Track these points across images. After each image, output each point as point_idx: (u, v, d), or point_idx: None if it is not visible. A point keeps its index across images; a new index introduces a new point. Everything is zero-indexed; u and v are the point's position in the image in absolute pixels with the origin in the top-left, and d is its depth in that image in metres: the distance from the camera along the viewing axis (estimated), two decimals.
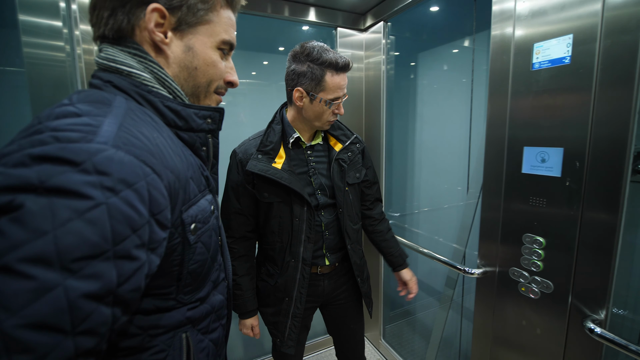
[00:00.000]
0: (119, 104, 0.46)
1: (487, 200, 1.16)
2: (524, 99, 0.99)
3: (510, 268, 1.09)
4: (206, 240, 0.56)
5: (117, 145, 0.38)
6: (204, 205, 0.55)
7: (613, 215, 0.82)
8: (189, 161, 0.54)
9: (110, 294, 0.36)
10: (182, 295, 0.54)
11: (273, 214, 1.12)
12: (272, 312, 1.20)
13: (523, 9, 0.99)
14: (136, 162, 0.39)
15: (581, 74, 0.85)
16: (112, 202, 0.36)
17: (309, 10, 1.75)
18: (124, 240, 0.37)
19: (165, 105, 0.53)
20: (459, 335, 1.71)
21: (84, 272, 0.33)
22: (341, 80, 1.06)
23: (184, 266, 0.51)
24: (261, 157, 1.08)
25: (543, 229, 0.98)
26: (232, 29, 0.61)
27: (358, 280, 1.26)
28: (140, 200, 0.39)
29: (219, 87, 0.63)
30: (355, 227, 1.23)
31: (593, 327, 0.84)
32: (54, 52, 1.28)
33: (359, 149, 1.23)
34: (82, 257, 0.33)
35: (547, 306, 0.99)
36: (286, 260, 1.14)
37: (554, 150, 0.93)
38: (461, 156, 1.67)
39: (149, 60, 0.53)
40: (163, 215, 0.43)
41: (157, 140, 0.45)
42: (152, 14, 0.52)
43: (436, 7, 1.72)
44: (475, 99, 1.50)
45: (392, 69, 1.85)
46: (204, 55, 0.58)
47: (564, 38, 0.88)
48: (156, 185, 0.41)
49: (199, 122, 0.58)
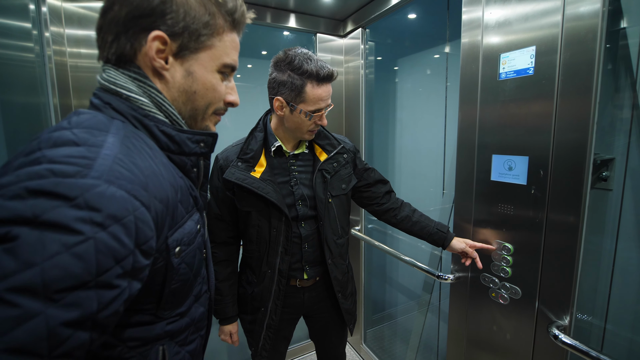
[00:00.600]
0: (116, 131, 0.48)
1: (459, 206, 1.17)
2: (492, 108, 1.01)
3: (482, 274, 1.10)
4: (190, 261, 0.57)
5: (109, 180, 0.40)
6: (190, 227, 0.57)
7: (575, 222, 0.84)
8: (179, 184, 0.56)
9: (89, 320, 0.38)
10: (162, 311, 0.55)
11: (251, 223, 1.10)
12: (249, 319, 1.18)
13: (490, 19, 1.01)
14: (126, 196, 0.41)
15: (543, 85, 0.87)
16: (100, 237, 0.38)
17: (290, 16, 1.75)
18: (107, 271, 0.39)
19: (160, 129, 0.55)
20: (437, 338, 1.72)
21: (65, 302, 0.36)
22: (323, 92, 1.00)
23: (166, 286, 0.53)
24: (240, 165, 1.04)
25: (511, 235, 1.00)
26: (234, 51, 0.62)
27: (339, 296, 1.21)
28: (127, 234, 0.41)
29: (218, 109, 0.64)
30: (338, 241, 1.18)
31: (557, 334, 0.86)
32: (23, 53, 1.25)
33: (347, 159, 1.17)
34: (65, 288, 0.36)
35: (515, 312, 1.01)
36: (263, 270, 1.12)
37: (520, 158, 0.95)
38: (437, 160, 1.70)
39: (148, 84, 0.55)
40: (148, 245, 0.45)
41: (149, 171, 0.47)
42: (153, 42, 0.53)
43: (413, 15, 1.75)
44: (449, 104, 1.53)
45: (371, 74, 1.87)
46: (204, 79, 0.58)
47: (527, 50, 0.91)
48: (144, 218, 0.43)
49: (192, 147, 0.59)
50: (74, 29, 1.34)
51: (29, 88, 1.27)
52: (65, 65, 1.35)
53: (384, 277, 2.26)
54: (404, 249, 1.96)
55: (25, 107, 1.26)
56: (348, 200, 1.23)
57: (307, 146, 1.16)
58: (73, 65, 1.36)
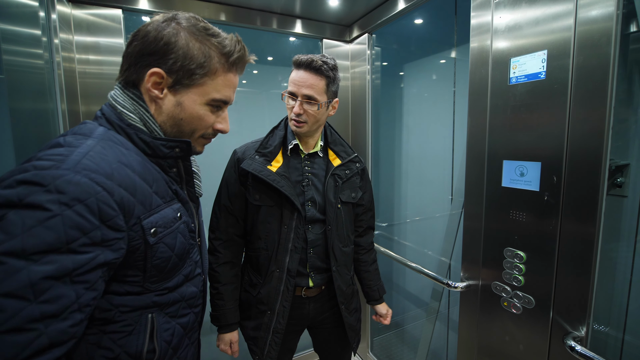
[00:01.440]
0: (97, 135, 0.62)
1: (469, 213, 1.15)
2: (502, 113, 1.00)
3: (493, 282, 1.08)
4: (170, 241, 0.68)
5: (77, 171, 0.53)
6: (167, 213, 0.68)
7: (591, 229, 0.82)
8: (155, 178, 0.67)
9: (66, 276, 0.50)
10: (148, 284, 0.66)
11: (261, 218, 1.09)
12: (252, 326, 1.14)
13: (500, 23, 1.00)
14: (89, 183, 0.53)
15: (556, 89, 0.86)
16: (66, 214, 0.50)
17: (296, 22, 1.76)
18: (76, 240, 0.51)
19: (138, 137, 0.67)
20: (446, 347, 1.69)
21: (42, 261, 0.48)
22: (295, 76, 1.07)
23: (148, 261, 0.64)
24: (258, 158, 1.06)
25: (523, 243, 0.97)
26: (227, 88, 0.72)
27: (342, 307, 1.17)
28: (90, 212, 0.52)
29: (205, 134, 0.75)
30: (344, 249, 1.17)
31: (574, 345, 0.83)
32: (33, 60, 1.26)
33: (358, 169, 1.20)
34: (40, 251, 0.48)
35: (529, 322, 0.98)
36: (270, 270, 1.09)
37: (532, 164, 0.93)
38: (446, 166, 1.68)
39: (140, 105, 0.68)
40: (113, 221, 0.56)
41: (116, 165, 0.59)
42: (150, 77, 0.65)
43: (419, 20, 1.74)
44: (457, 110, 1.51)
45: (377, 79, 1.86)
46: (192, 110, 0.70)
47: (538, 54, 0.89)
48: (105, 200, 0.54)
49: (166, 151, 0.70)
50: (82, 35, 1.36)
51: (38, 94, 1.28)
52: (74, 71, 1.36)
53: (390, 284, 2.23)
54: (411, 256, 1.94)
55: (34, 113, 1.27)
56: (355, 210, 1.23)
57: (322, 150, 1.17)
58: (81, 72, 1.38)
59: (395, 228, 2.09)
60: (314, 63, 1.03)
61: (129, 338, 0.65)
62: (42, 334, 0.48)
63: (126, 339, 0.64)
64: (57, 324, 0.50)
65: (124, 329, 0.64)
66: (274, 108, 1.91)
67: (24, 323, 0.47)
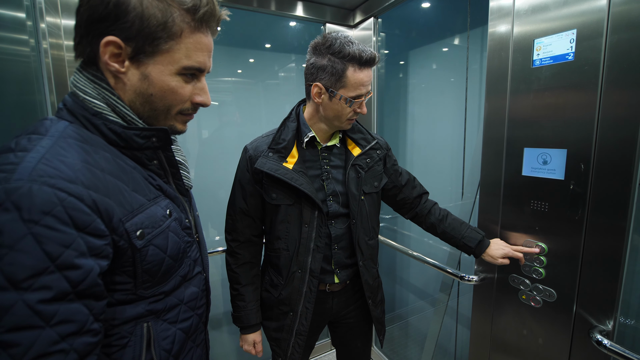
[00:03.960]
0: (54, 132, 0.53)
1: (485, 204, 1.11)
2: (524, 98, 0.95)
3: (510, 275, 1.04)
4: (161, 243, 0.61)
5: (32, 179, 0.45)
6: (154, 211, 0.61)
7: (621, 220, 0.78)
8: (131, 176, 0.59)
9: (69, 295, 0.46)
10: (141, 290, 0.60)
11: (280, 218, 1.03)
12: (274, 327, 1.10)
13: (522, 4, 0.94)
14: (50, 190, 0.46)
15: (586, 71, 0.81)
16: (36, 231, 0.44)
17: (297, 4, 1.67)
18: (61, 255, 0.45)
19: (108, 127, 0.58)
20: (454, 341, 1.67)
21: (34, 287, 0.44)
22: (364, 77, 0.94)
23: (137, 266, 0.58)
24: (272, 155, 0.99)
25: (545, 234, 0.94)
26: (199, 52, 0.61)
27: (369, 302, 1.14)
28: (62, 222, 0.46)
29: (183, 110, 0.65)
30: (370, 242, 1.11)
31: (601, 339, 0.80)
32: (17, 46, 1.17)
33: (380, 156, 1.11)
34: (27, 277, 0.43)
35: (550, 315, 0.95)
36: (292, 271, 1.04)
37: (557, 151, 0.88)
38: (455, 157, 1.63)
39: (103, 87, 0.58)
40: (93, 227, 0.49)
41: (79, 166, 0.51)
42: (106, 47, 0.55)
43: (428, 3, 1.67)
44: (470, 97, 1.46)
45: (382, 68, 1.80)
46: (161, 83, 0.59)
47: (566, 33, 0.84)
48: (74, 205, 0.47)
49: (141, 142, 0.61)
50: (71, 19, 1.26)
51: (23, 85, 1.18)
52: (63, 59, 1.26)
53: (393, 276, 2.20)
54: (418, 248, 1.90)
55: (20, 105, 1.18)
56: (379, 199, 1.16)
57: (340, 139, 1.10)
58: (71, 60, 1.28)
59: (400, 220, 2.05)
60: (377, 59, 0.96)
61: (124, 351, 0.59)
62: (70, 351, 0.46)
63: (120, 352, 0.59)
64: (80, 338, 0.48)
65: (117, 342, 0.59)
66: (271, 99, 1.82)
67: (46, 347, 0.44)
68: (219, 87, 1.70)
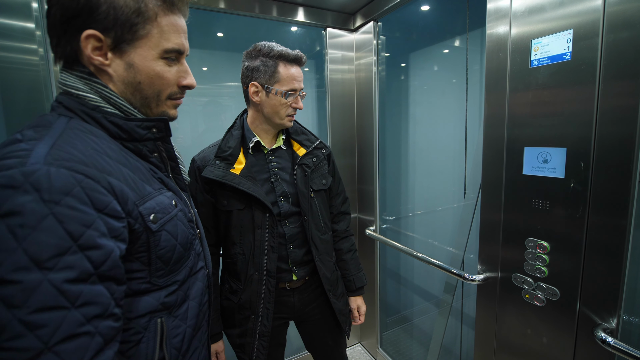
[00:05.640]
0: (58, 125, 0.53)
1: (486, 203, 1.11)
2: (523, 98, 0.96)
3: (513, 274, 1.04)
4: (172, 229, 0.62)
5: (48, 162, 0.46)
6: (162, 199, 0.61)
7: (622, 218, 0.78)
8: (136, 166, 0.60)
9: (92, 276, 0.46)
10: (155, 278, 0.60)
11: (233, 223, 1.06)
12: (238, 333, 1.11)
13: (519, 6, 0.95)
14: (68, 173, 0.46)
15: (583, 70, 0.82)
16: (57, 211, 0.44)
17: (298, 10, 1.70)
18: (82, 235, 0.46)
19: (108, 120, 0.59)
20: (459, 342, 1.66)
21: (58, 267, 0.44)
22: (295, 72, 1.03)
23: (152, 251, 0.58)
24: (219, 164, 1.02)
25: (547, 232, 0.94)
26: (176, 34, 0.62)
27: (329, 295, 1.17)
28: (82, 202, 0.46)
29: (172, 94, 0.66)
30: (323, 237, 1.16)
31: (605, 337, 0.80)
32: (26, 56, 1.21)
33: (324, 154, 1.17)
34: (50, 257, 0.43)
35: (553, 314, 0.94)
36: (249, 274, 1.06)
37: (556, 150, 0.89)
38: (456, 157, 1.63)
39: (94, 81, 0.58)
40: (111, 208, 0.50)
41: (90, 152, 0.51)
42: (87, 41, 0.55)
43: (427, 6, 1.69)
44: (470, 98, 1.47)
45: (383, 70, 1.81)
46: (146, 69, 0.60)
47: (563, 34, 0.85)
48: (92, 187, 0.48)
49: (142, 133, 0.62)
50: None
51: (32, 93, 1.22)
52: None
53: (398, 278, 2.20)
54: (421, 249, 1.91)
55: (29, 112, 1.21)
56: (328, 197, 1.22)
57: (285, 142, 1.15)
58: None
59: (404, 221, 2.05)
60: (303, 59, 1.06)
61: (139, 348, 0.58)
62: (95, 334, 0.46)
63: (135, 349, 0.58)
64: (104, 322, 0.47)
65: (132, 338, 0.58)
66: None
67: (73, 328, 0.44)
68: (222, 91, 1.72)
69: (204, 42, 1.67)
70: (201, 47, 1.66)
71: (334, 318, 1.24)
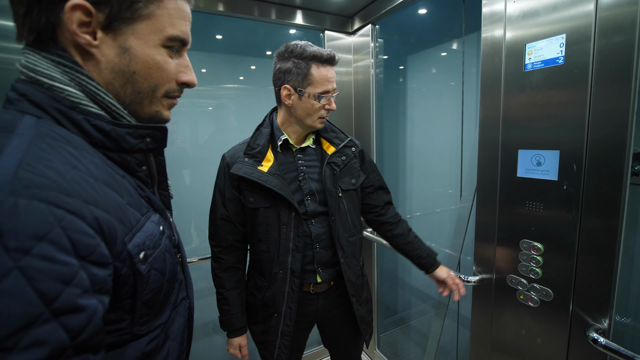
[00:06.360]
0: (24, 130, 0.39)
1: (482, 205, 1.12)
2: (517, 101, 0.97)
3: (508, 275, 1.05)
4: (160, 266, 0.51)
5: (16, 192, 0.33)
6: (150, 228, 0.50)
7: (614, 219, 0.79)
8: (123, 186, 0.48)
9: (67, 349, 0.34)
10: (137, 327, 0.48)
11: (259, 220, 1.05)
12: (260, 330, 1.12)
13: (514, 10, 0.97)
14: (44, 207, 0.34)
15: (576, 74, 0.83)
16: (26, 264, 0.31)
17: (296, 13, 1.71)
18: (59, 296, 0.33)
19: (91, 124, 0.45)
20: (456, 343, 1.67)
21: (23, 345, 0.31)
22: (328, 73, 1.01)
23: (137, 297, 0.47)
24: (247, 160, 1.02)
25: (541, 234, 0.95)
26: (182, 20, 0.52)
27: (353, 300, 1.14)
28: (61, 250, 0.34)
29: (169, 91, 0.55)
30: (351, 239, 1.12)
31: (597, 337, 0.81)
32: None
33: (355, 153, 1.14)
34: (13, 332, 0.30)
35: (547, 315, 0.95)
36: (274, 272, 1.06)
37: (550, 152, 0.90)
38: (453, 159, 1.65)
39: (75, 70, 0.45)
40: (97, 253, 0.38)
41: (72, 174, 0.38)
42: (72, 13, 0.43)
43: (424, 10, 1.71)
44: (466, 101, 1.48)
45: (381, 73, 1.83)
46: (145, 57, 0.49)
47: (556, 38, 0.86)
48: (76, 227, 0.36)
49: (134, 143, 0.50)
50: None
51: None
52: None
53: (395, 279, 2.21)
54: None
55: None
56: (358, 197, 1.18)
57: (314, 140, 1.13)
58: None
59: None
60: (336, 58, 1.04)
61: None
62: None
63: None
64: None
65: None
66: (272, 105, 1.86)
67: None
68: (220, 93, 1.74)
69: (203, 44, 1.69)
70: (200, 49, 1.68)
71: (355, 326, 1.21)
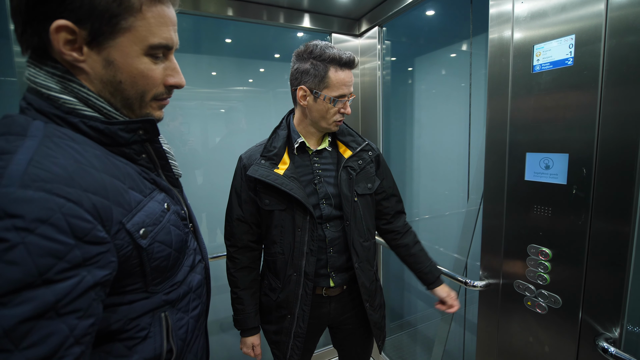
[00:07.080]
0: (35, 132, 0.47)
1: (488, 209, 1.10)
2: (525, 103, 0.95)
3: (515, 281, 1.03)
4: (164, 238, 0.59)
5: (25, 185, 0.40)
6: (153, 207, 0.58)
7: (625, 224, 0.77)
8: (125, 172, 0.55)
9: (50, 311, 0.41)
10: (152, 287, 0.58)
11: (274, 222, 1.06)
12: (274, 330, 1.12)
13: (522, 11, 0.95)
14: (47, 196, 0.41)
15: (585, 76, 0.81)
16: (30, 241, 0.39)
17: (304, 16, 1.73)
18: (50, 269, 0.41)
19: (87, 125, 0.52)
20: (463, 349, 1.64)
21: (13, 303, 0.38)
22: (345, 77, 0.99)
23: (145, 266, 0.56)
24: (264, 163, 1.03)
25: (549, 239, 0.93)
26: (163, 27, 0.54)
27: (366, 305, 1.13)
28: (60, 231, 0.42)
29: (157, 95, 0.59)
30: (365, 244, 1.11)
31: (607, 347, 0.78)
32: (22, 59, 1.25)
33: (371, 157, 1.13)
34: (8, 292, 0.38)
35: (555, 322, 0.93)
36: (288, 274, 1.06)
37: (559, 156, 0.88)
38: (460, 162, 1.63)
39: (68, 80, 0.51)
40: (92, 235, 0.45)
41: (74, 167, 0.46)
42: (57, 34, 0.48)
43: (431, 11, 1.70)
44: (474, 103, 1.46)
45: (388, 75, 1.82)
46: (128, 67, 0.53)
47: (565, 39, 0.84)
48: (74, 213, 0.43)
49: (127, 137, 0.57)
50: None
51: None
52: None
53: (402, 282, 2.19)
54: None
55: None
56: (373, 201, 1.17)
57: (330, 143, 1.13)
58: None
59: None
60: (355, 62, 1.02)
61: (145, 342, 0.58)
62: None
63: (142, 344, 0.57)
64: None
65: (137, 334, 0.57)
66: (281, 107, 1.87)
67: None
68: (230, 95, 1.76)
69: (213, 48, 1.71)
70: (210, 53, 1.70)
71: (366, 330, 1.21)
